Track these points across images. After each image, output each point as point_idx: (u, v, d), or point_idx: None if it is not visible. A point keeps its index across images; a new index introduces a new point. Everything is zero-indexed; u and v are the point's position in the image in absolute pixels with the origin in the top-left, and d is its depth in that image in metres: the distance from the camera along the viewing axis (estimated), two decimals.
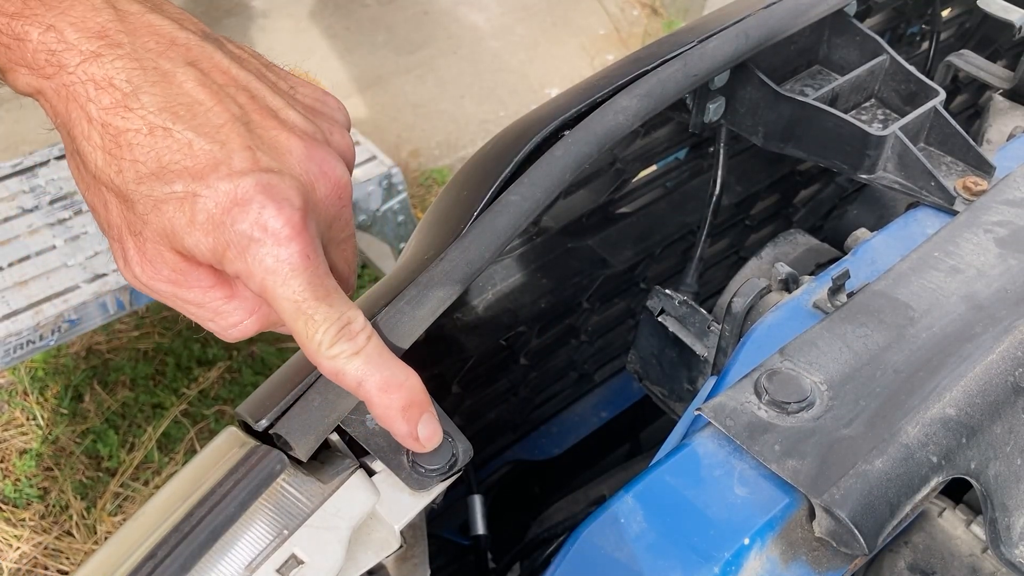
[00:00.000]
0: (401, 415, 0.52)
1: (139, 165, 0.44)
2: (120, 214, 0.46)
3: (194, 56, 0.47)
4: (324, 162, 0.49)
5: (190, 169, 0.44)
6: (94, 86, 0.44)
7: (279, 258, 0.45)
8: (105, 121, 0.44)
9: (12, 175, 2.03)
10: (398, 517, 0.59)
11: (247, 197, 0.45)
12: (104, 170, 0.45)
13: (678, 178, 1.21)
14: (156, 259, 0.47)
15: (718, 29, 0.83)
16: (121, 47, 0.45)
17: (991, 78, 1.03)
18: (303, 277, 0.46)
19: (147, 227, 0.46)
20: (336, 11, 3.41)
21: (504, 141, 0.78)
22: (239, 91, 0.48)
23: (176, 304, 0.50)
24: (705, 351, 0.87)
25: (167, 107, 0.45)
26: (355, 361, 0.49)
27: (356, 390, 0.51)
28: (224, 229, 0.45)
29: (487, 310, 1.03)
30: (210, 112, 0.45)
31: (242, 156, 0.45)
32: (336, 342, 0.49)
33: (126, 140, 0.44)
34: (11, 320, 1.82)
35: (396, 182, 2.17)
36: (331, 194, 0.49)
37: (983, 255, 0.75)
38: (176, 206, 0.44)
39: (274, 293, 0.46)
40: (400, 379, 0.51)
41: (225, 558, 0.53)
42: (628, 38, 3.44)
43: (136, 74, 0.45)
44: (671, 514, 0.61)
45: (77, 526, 1.92)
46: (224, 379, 2.20)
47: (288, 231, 0.45)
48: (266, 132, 0.47)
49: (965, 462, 0.63)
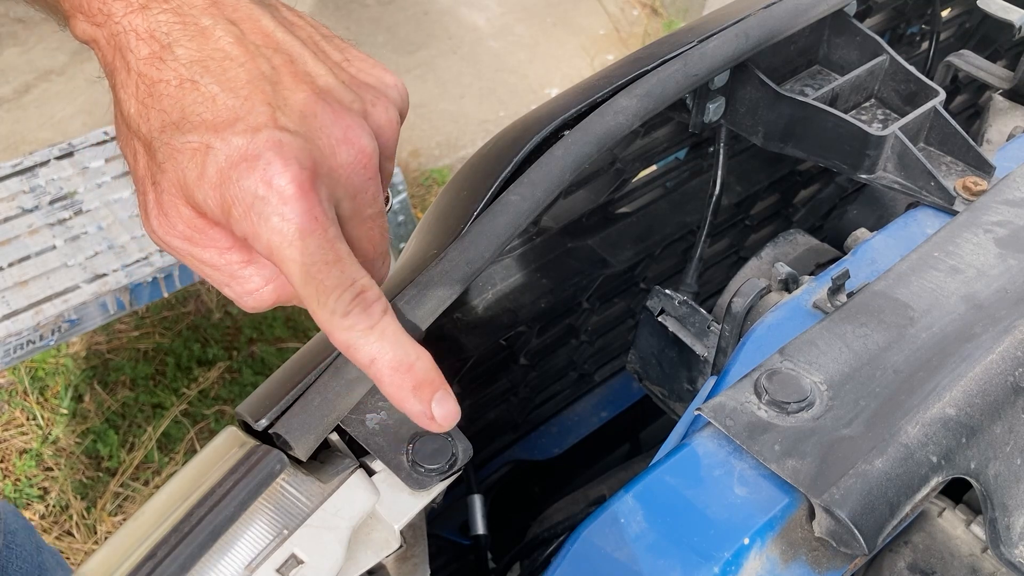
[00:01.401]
0: (413, 395, 0.51)
1: (164, 114, 0.45)
2: (145, 164, 0.47)
3: (238, 16, 0.47)
4: (349, 129, 0.48)
5: (209, 122, 0.44)
6: (136, 37, 0.45)
7: (284, 217, 0.44)
8: (141, 71, 0.45)
9: (12, 175, 2.03)
10: (398, 517, 0.59)
11: (255, 153, 0.44)
12: (135, 118, 0.46)
13: (678, 178, 1.21)
14: (171, 212, 0.46)
15: (718, 29, 0.83)
16: (168, 1, 0.45)
17: (991, 78, 1.03)
18: (311, 239, 0.45)
19: (164, 176, 0.45)
20: (336, 11, 3.41)
21: (504, 141, 0.78)
22: (276, 53, 0.47)
23: (193, 264, 0.49)
24: (705, 351, 0.87)
25: (199, 60, 0.45)
26: (370, 336, 0.48)
27: (368, 367, 0.49)
28: (229, 184, 0.44)
29: (487, 310, 1.03)
30: (240, 69, 0.45)
31: (261, 112, 0.45)
32: (351, 311, 0.47)
33: (157, 90, 0.45)
34: (11, 320, 1.82)
35: (396, 182, 2.17)
36: (354, 162, 0.48)
37: (983, 255, 0.75)
38: (189, 156, 0.44)
39: (281, 255, 0.45)
40: (412, 358, 0.50)
41: (225, 558, 0.53)
42: (628, 38, 3.44)
43: (176, 27, 0.45)
44: (671, 514, 0.61)
45: (77, 526, 1.92)
46: (224, 379, 2.20)
47: (293, 189, 0.44)
48: (293, 94, 0.47)
49: (965, 462, 0.63)
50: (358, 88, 0.50)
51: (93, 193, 2.02)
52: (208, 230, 0.47)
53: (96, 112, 2.90)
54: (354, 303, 0.47)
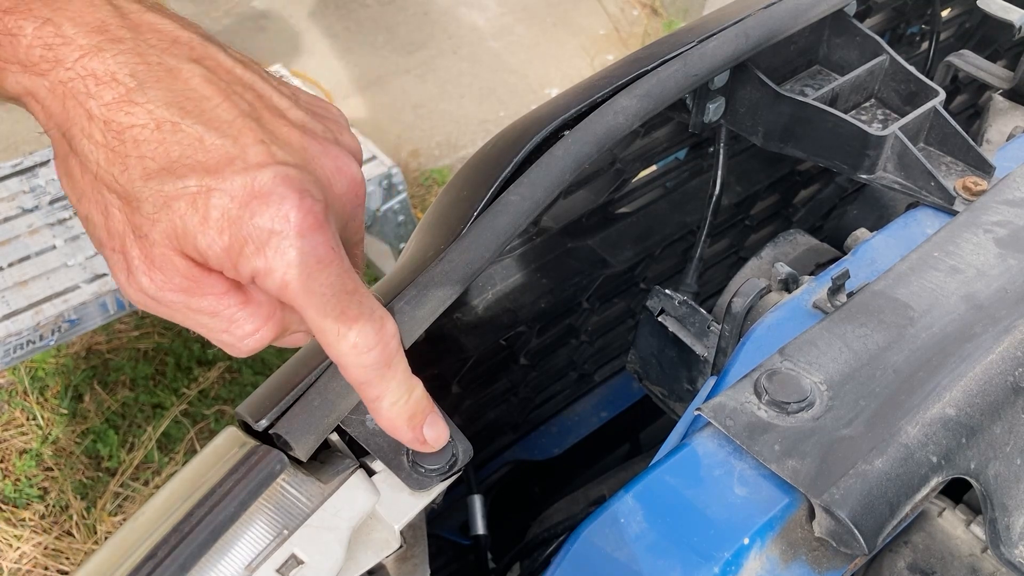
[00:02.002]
0: (407, 425, 0.51)
1: (147, 161, 0.42)
2: (123, 218, 0.44)
3: (198, 54, 0.45)
4: (339, 158, 0.47)
5: (203, 164, 0.42)
6: (95, 81, 0.42)
7: (303, 250, 0.43)
8: (108, 118, 0.42)
9: (12, 175, 2.03)
10: (398, 517, 0.59)
11: (266, 190, 0.42)
12: (107, 169, 0.43)
13: (678, 178, 1.21)
14: (166, 265, 0.44)
15: (718, 29, 0.83)
16: (123, 42, 0.43)
17: (991, 78, 1.03)
18: (331, 269, 0.44)
19: (156, 228, 0.43)
20: (336, 11, 3.41)
21: (504, 141, 0.78)
22: (246, 90, 0.46)
23: (186, 316, 0.46)
24: (705, 351, 0.87)
25: (174, 102, 0.43)
26: (385, 374, 0.48)
27: (372, 401, 0.50)
28: (242, 224, 0.42)
29: (487, 310, 1.03)
30: (219, 108, 0.44)
31: (257, 150, 0.43)
32: (374, 347, 0.46)
33: (131, 136, 0.42)
34: (11, 320, 1.82)
35: (396, 182, 2.17)
36: (348, 191, 0.47)
37: (983, 255, 0.75)
38: (188, 203, 0.42)
39: (298, 289, 0.44)
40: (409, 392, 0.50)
41: (225, 558, 0.53)
42: (628, 38, 3.44)
43: (140, 69, 0.43)
44: (671, 514, 0.61)
45: (77, 526, 1.92)
46: (224, 379, 2.20)
47: (312, 221, 0.43)
48: (278, 129, 0.46)
49: (965, 462, 0.63)
50: (319, 119, 0.49)
51: None
52: (205, 277, 0.45)
53: None
54: (376, 338, 0.46)
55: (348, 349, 0.46)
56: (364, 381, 0.48)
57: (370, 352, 0.46)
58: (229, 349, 0.48)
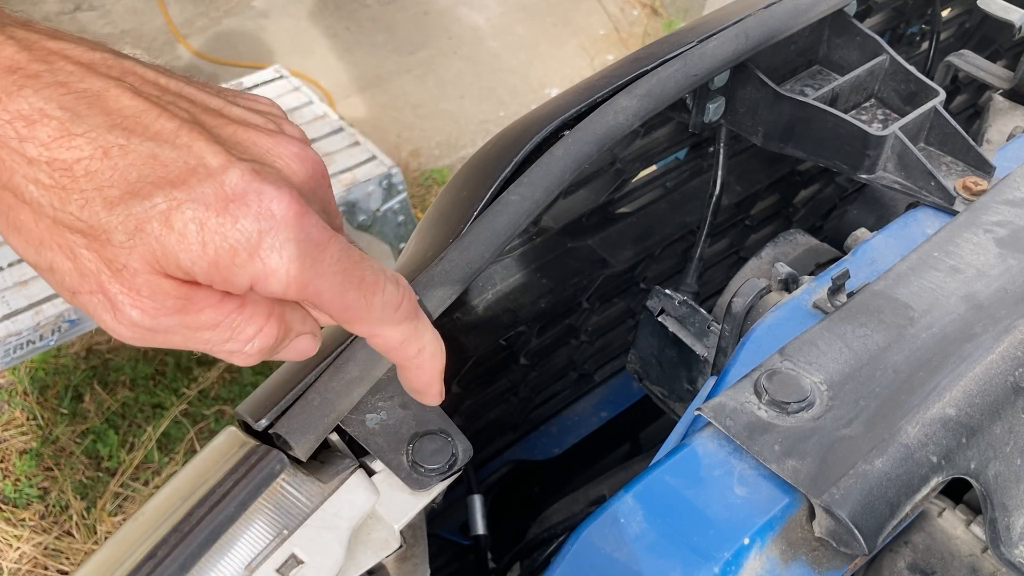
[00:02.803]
0: (439, 378, 0.50)
1: (106, 191, 0.39)
2: (94, 256, 0.40)
3: (117, 72, 0.42)
4: (291, 145, 0.45)
5: (165, 179, 0.40)
6: (24, 123, 0.39)
7: (299, 239, 0.41)
8: (51, 157, 0.39)
9: None
10: (398, 517, 0.59)
11: (239, 190, 0.40)
12: (64, 209, 0.40)
13: (678, 178, 1.21)
14: (154, 291, 0.41)
15: (718, 29, 0.83)
16: (40, 77, 0.40)
17: (991, 78, 1.03)
18: (332, 247, 0.42)
19: (133, 255, 0.40)
20: (336, 11, 3.41)
21: (504, 141, 0.78)
22: (178, 97, 0.44)
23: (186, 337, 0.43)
24: (705, 351, 0.87)
25: (114, 124, 0.40)
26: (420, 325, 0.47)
27: (414, 357, 0.48)
28: (225, 233, 0.40)
29: (487, 310, 1.03)
30: (160, 120, 0.41)
31: (214, 153, 0.41)
32: (402, 300, 0.45)
33: (82, 169, 0.39)
34: (11, 320, 1.82)
35: (396, 182, 2.17)
36: (312, 176, 0.45)
37: (983, 255, 0.75)
38: (161, 222, 0.40)
39: (308, 279, 0.42)
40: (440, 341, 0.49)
41: (225, 558, 0.53)
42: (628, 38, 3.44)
43: (68, 99, 0.40)
44: (671, 514, 0.61)
45: (77, 526, 1.92)
46: (224, 379, 2.20)
47: (296, 207, 0.41)
48: (223, 129, 0.44)
49: (965, 462, 0.63)
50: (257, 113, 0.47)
51: None
52: (196, 292, 0.42)
53: None
54: (400, 293, 0.45)
55: (380, 313, 0.45)
56: (404, 338, 0.46)
57: (400, 308, 0.45)
58: (236, 358, 0.46)
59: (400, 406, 0.60)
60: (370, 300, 0.44)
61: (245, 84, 2.36)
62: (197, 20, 3.31)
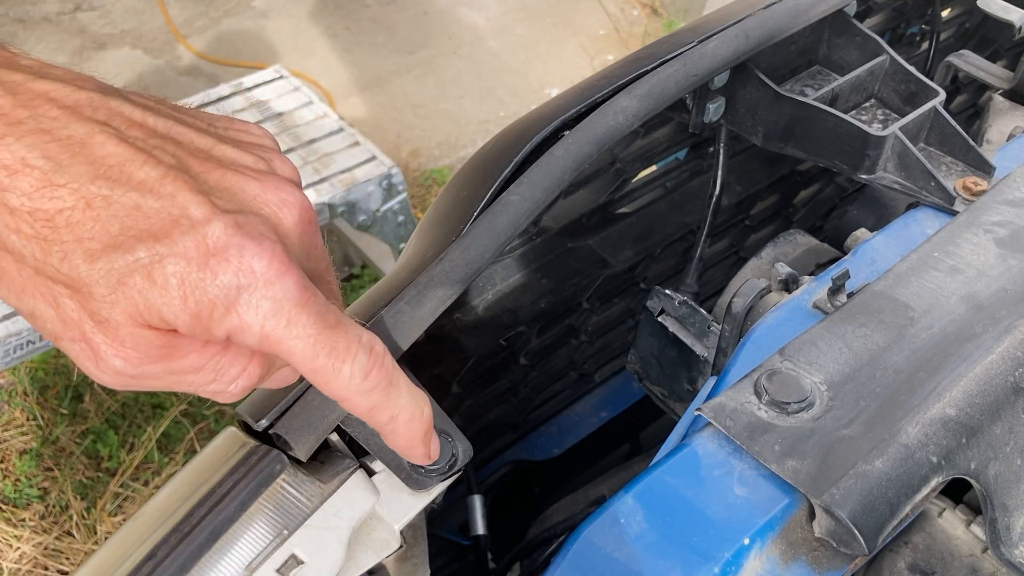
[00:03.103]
0: (422, 442, 0.49)
1: (87, 243, 0.39)
2: (76, 306, 0.40)
3: (103, 115, 0.42)
4: (280, 189, 0.44)
5: (147, 231, 0.39)
6: (6, 172, 0.38)
7: (276, 298, 0.41)
8: (32, 208, 0.38)
9: None
10: (398, 517, 0.59)
11: (221, 244, 0.40)
12: (45, 260, 0.39)
13: (678, 178, 1.21)
14: (139, 342, 0.41)
15: (718, 29, 0.83)
16: (23, 123, 0.39)
17: (991, 78, 1.03)
18: (310, 309, 0.42)
19: (115, 309, 0.40)
20: (336, 11, 3.41)
21: (504, 141, 0.78)
22: (164, 141, 0.43)
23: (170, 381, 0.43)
24: (705, 351, 0.87)
25: (97, 174, 0.39)
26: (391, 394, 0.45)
27: (385, 424, 0.47)
28: (205, 288, 0.40)
29: (487, 310, 1.03)
30: (144, 168, 0.40)
31: (197, 204, 0.40)
32: (371, 370, 0.44)
33: (64, 220, 0.39)
34: (11, 320, 1.82)
35: (396, 182, 2.17)
36: (299, 222, 0.45)
37: (983, 255, 0.75)
38: (143, 276, 0.39)
39: (280, 338, 0.41)
40: (420, 405, 0.48)
41: (225, 558, 0.53)
42: (628, 38, 3.44)
43: (51, 147, 0.39)
44: (671, 514, 0.61)
45: (77, 526, 1.92)
46: None
47: (277, 265, 0.41)
48: (209, 175, 0.43)
49: (965, 462, 0.63)
50: (246, 149, 0.46)
51: None
52: (179, 340, 0.42)
53: None
54: (371, 362, 0.44)
55: (347, 383, 0.44)
56: (373, 407, 0.45)
57: (368, 377, 0.44)
58: (220, 397, 0.46)
59: None
60: (338, 368, 0.43)
61: (245, 84, 2.36)
62: (197, 20, 3.31)
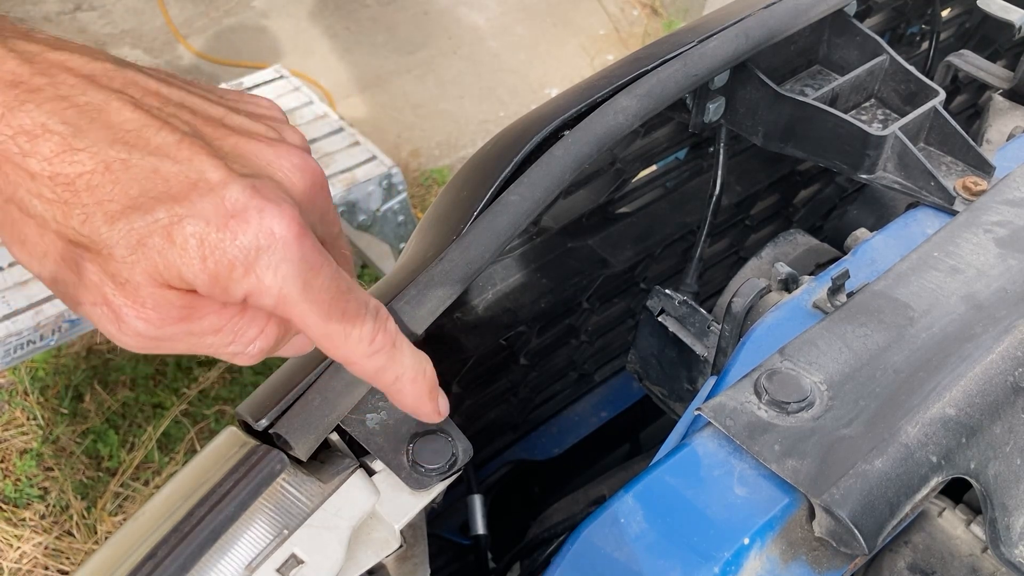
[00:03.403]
0: (428, 398, 0.51)
1: (107, 205, 0.40)
2: (98, 269, 0.41)
3: (119, 84, 0.42)
4: (293, 155, 0.45)
5: (167, 193, 0.40)
6: (27, 138, 0.39)
7: (294, 260, 0.42)
8: (53, 172, 0.39)
9: None
10: (398, 517, 0.59)
11: (240, 206, 0.41)
12: (66, 224, 0.40)
13: (678, 178, 1.21)
14: (159, 302, 0.41)
15: (718, 29, 0.83)
16: (42, 91, 0.40)
17: (991, 78, 1.03)
18: (324, 273, 0.43)
19: (135, 270, 0.40)
20: (336, 11, 3.41)
21: (504, 141, 0.78)
22: (179, 108, 0.44)
23: (190, 343, 0.44)
24: (705, 351, 0.87)
25: (116, 139, 0.40)
26: (395, 355, 0.48)
27: (391, 384, 0.49)
28: (224, 248, 0.40)
29: (487, 310, 1.03)
30: (160, 134, 0.41)
31: (214, 168, 0.41)
32: (377, 333, 0.46)
33: (84, 183, 0.40)
34: (11, 320, 1.82)
35: (396, 182, 2.17)
36: (312, 186, 0.46)
37: (983, 255, 0.75)
38: (163, 236, 0.40)
39: (296, 300, 0.42)
40: (424, 364, 0.50)
41: (225, 558, 0.53)
42: (628, 38, 3.44)
43: (70, 113, 0.40)
44: (671, 514, 0.61)
45: (77, 526, 1.92)
46: (224, 379, 2.20)
47: (296, 228, 0.42)
48: (224, 141, 0.44)
49: (965, 462, 0.63)
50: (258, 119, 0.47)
51: None
52: (199, 300, 0.43)
53: None
54: (377, 327, 0.46)
55: (356, 345, 0.46)
56: (379, 367, 0.48)
57: (374, 340, 0.47)
58: (239, 359, 0.47)
59: None
60: (348, 332, 0.45)
61: (245, 84, 2.36)
62: (197, 20, 3.31)
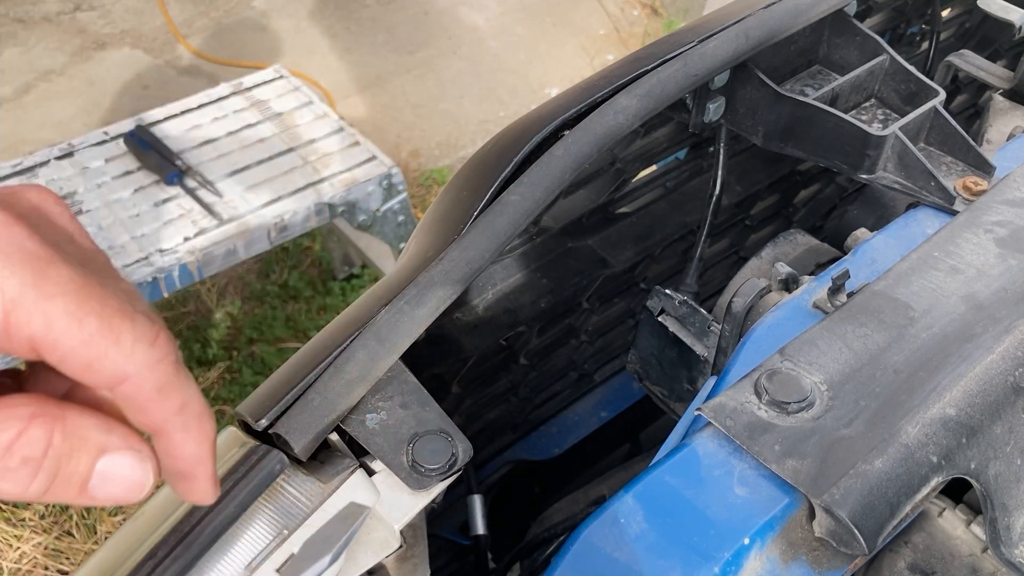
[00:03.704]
0: (210, 455, 0.38)
1: None
2: None
3: None
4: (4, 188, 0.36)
5: None
6: None
7: (11, 250, 0.32)
8: None
9: (12, 175, 2.03)
10: (398, 517, 0.59)
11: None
12: None
13: (678, 178, 1.21)
14: None
15: (718, 29, 0.83)
16: None
17: (991, 78, 1.03)
18: (63, 265, 0.33)
19: None
20: (336, 11, 3.41)
21: (504, 141, 0.78)
22: None
23: None
24: (705, 351, 0.87)
25: None
26: (182, 374, 0.36)
27: (177, 412, 0.36)
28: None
29: (487, 310, 1.03)
30: None
31: None
32: (156, 338, 0.34)
33: None
34: None
35: (396, 182, 2.17)
36: (38, 205, 0.36)
37: (983, 255, 0.75)
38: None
39: (31, 299, 0.32)
40: (211, 415, 0.38)
41: (225, 558, 0.53)
42: (628, 38, 3.44)
43: None
44: (671, 514, 0.61)
45: (77, 526, 1.92)
46: (224, 379, 2.20)
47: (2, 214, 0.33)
48: None
49: (965, 462, 0.63)
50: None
51: (93, 193, 2.02)
52: None
53: (96, 112, 2.89)
54: (155, 328, 0.35)
55: (131, 348, 0.34)
56: (163, 385, 0.35)
57: (155, 343, 0.34)
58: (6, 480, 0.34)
59: (400, 406, 0.60)
60: (116, 328, 0.33)
61: (245, 84, 2.36)
62: (197, 20, 3.31)
